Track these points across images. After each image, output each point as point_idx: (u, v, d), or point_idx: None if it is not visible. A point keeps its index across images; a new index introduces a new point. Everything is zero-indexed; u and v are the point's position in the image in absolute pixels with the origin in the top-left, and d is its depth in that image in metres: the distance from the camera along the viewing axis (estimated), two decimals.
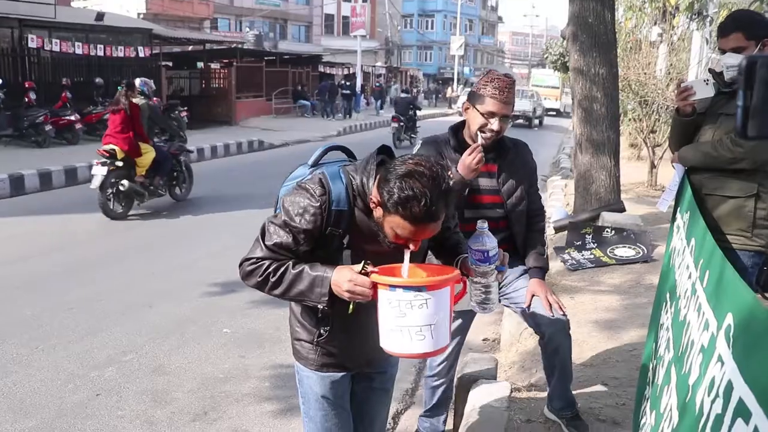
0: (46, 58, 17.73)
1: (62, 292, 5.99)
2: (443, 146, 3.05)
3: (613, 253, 6.19)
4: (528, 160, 3.19)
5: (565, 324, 3.02)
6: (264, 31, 44.38)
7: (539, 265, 3.15)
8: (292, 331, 2.40)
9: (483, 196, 3.04)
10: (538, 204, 3.26)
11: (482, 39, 72.45)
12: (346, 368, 2.38)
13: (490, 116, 2.90)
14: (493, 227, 3.04)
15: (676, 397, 1.77)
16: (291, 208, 2.07)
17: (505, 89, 2.89)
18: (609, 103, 6.93)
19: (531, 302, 3.04)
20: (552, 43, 33.03)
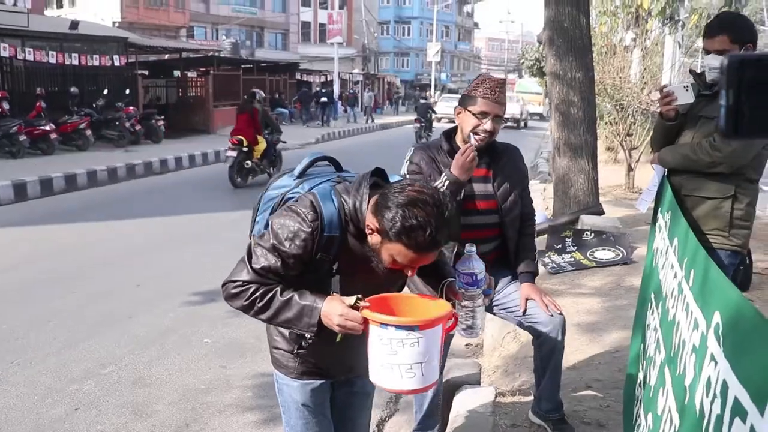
0: (20, 67, 17.52)
1: (39, 304, 5.90)
2: (436, 151, 3.04)
3: (593, 255, 6.22)
4: (520, 164, 3.20)
5: (562, 321, 3.03)
6: (240, 39, 44.26)
7: (530, 270, 3.16)
8: (270, 340, 2.37)
9: (478, 201, 3.02)
10: (530, 208, 3.28)
11: (459, 45, 72.86)
12: (327, 376, 2.35)
13: (482, 116, 2.90)
14: (486, 235, 3.06)
15: (673, 398, 1.77)
16: (281, 232, 2.01)
17: (497, 89, 2.90)
18: (586, 107, 6.97)
19: (527, 306, 3.03)
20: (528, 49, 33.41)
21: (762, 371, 1.00)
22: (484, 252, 3.03)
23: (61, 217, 9.14)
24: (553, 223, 6.97)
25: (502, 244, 3.13)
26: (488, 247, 3.08)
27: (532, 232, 3.30)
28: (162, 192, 12.24)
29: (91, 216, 9.53)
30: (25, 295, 6.17)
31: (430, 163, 2.99)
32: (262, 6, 48.80)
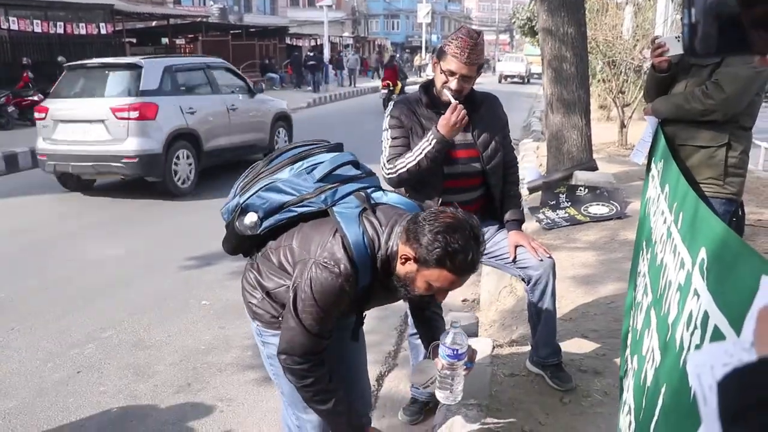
0: (4, 36, 17.31)
1: (36, 272, 5.92)
2: (415, 104, 3.04)
3: (587, 210, 6.24)
4: (499, 113, 3.19)
5: (552, 263, 3.05)
6: (228, 4, 43.58)
7: (516, 218, 3.18)
8: (250, 297, 2.36)
9: (458, 151, 3.02)
10: (512, 156, 3.28)
11: (449, 6, 72.19)
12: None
13: (450, 74, 2.89)
14: (470, 184, 3.07)
15: (657, 337, 1.79)
16: (321, 292, 2.01)
17: (467, 49, 2.83)
18: (578, 63, 6.94)
19: (516, 253, 3.05)
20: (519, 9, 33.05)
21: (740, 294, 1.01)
22: (468, 200, 3.07)
23: (54, 187, 9.10)
24: (547, 180, 6.99)
25: (487, 193, 3.14)
26: (472, 196, 3.10)
27: (516, 180, 3.30)
28: None
29: (76, 185, 9.41)
30: (23, 263, 6.18)
31: (410, 116, 2.99)
32: None
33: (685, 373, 1.23)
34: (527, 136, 13.70)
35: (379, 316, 4.93)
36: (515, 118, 18.97)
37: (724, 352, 0.98)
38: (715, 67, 3.21)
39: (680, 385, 1.28)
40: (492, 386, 3.19)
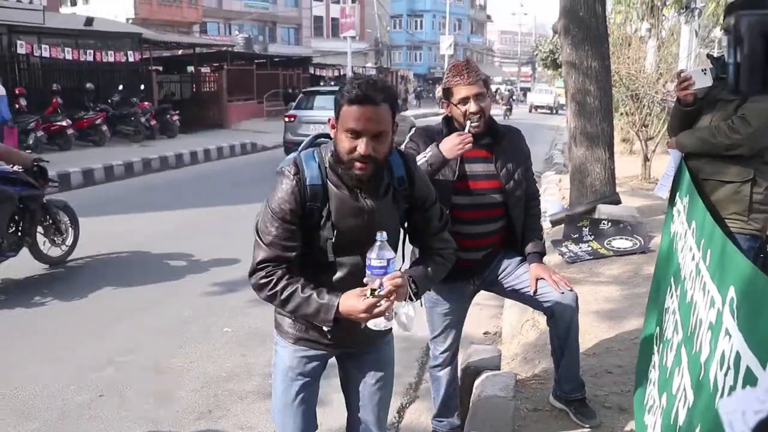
0: (36, 64, 17.64)
1: (60, 294, 5.98)
2: (436, 135, 3.06)
3: (611, 244, 6.21)
4: (522, 145, 3.21)
5: (574, 297, 3.04)
6: (253, 34, 44.33)
7: (538, 250, 3.18)
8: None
9: (480, 181, 3.03)
10: (535, 188, 3.30)
11: (471, 38, 72.60)
12: (325, 345, 2.37)
13: (464, 102, 2.92)
14: (492, 214, 3.08)
15: (689, 376, 1.78)
16: (273, 196, 2.17)
17: (464, 71, 2.90)
18: (602, 96, 6.95)
19: (537, 286, 3.05)
20: (541, 41, 33.19)
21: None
22: (490, 232, 3.08)
23: (79, 211, 9.17)
24: (570, 213, 6.96)
25: (508, 225, 3.14)
26: (494, 227, 3.10)
27: (538, 212, 3.32)
28: (179, 186, 12.31)
29: (109, 209, 9.60)
30: (46, 286, 6.25)
31: (428, 144, 2.99)
32: (275, 1, 48.81)
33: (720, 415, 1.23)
34: (549, 168, 13.70)
35: (401, 348, 4.91)
36: (537, 150, 18.98)
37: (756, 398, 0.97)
38: (741, 101, 3.21)
39: (715, 428, 1.27)
40: (515, 421, 3.17)
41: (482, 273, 3.19)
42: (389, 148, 2.18)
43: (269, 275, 2.17)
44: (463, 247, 3.06)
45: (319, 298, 2.12)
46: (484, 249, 3.12)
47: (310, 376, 2.42)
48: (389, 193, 2.27)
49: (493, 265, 3.19)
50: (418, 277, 2.26)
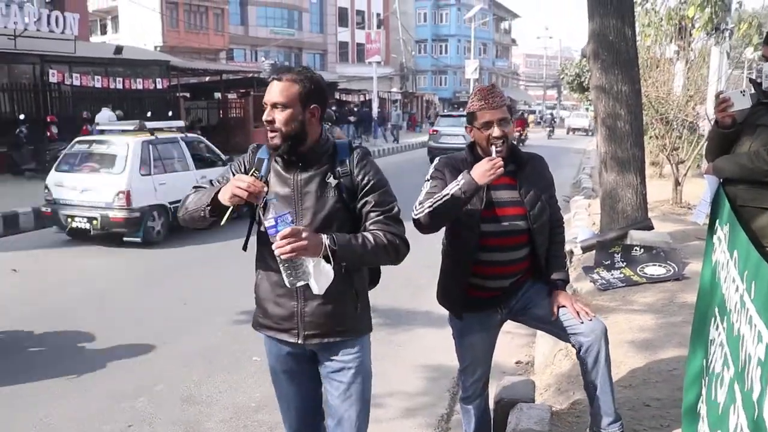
0: (67, 92, 17.97)
1: (90, 323, 6.00)
2: (461, 164, 3.01)
3: (644, 271, 6.09)
4: (545, 172, 3.16)
5: (603, 329, 2.96)
6: (279, 60, 44.81)
7: (561, 278, 3.13)
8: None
9: (505, 208, 2.99)
10: (559, 215, 3.24)
11: (496, 62, 72.77)
12: (276, 330, 2.53)
13: (487, 127, 2.88)
14: (516, 242, 3.02)
15: (744, 416, 1.71)
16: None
17: (489, 95, 2.88)
18: (633, 120, 6.87)
19: (557, 313, 2.99)
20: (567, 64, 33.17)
21: None
22: (514, 259, 3.03)
23: (107, 238, 9.28)
24: (601, 239, 6.85)
25: (532, 252, 3.08)
26: (520, 254, 3.04)
27: (562, 240, 3.26)
28: None
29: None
30: (77, 314, 6.27)
31: (454, 173, 2.94)
32: (300, 27, 49.39)
33: None
34: (577, 192, 13.55)
35: (430, 378, 4.85)
36: (564, 174, 18.85)
37: None
38: None
39: None
40: None
41: (509, 301, 3.13)
42: (293, 121, 2.36)
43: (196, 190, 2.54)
44: (489, 275, 3.02)
45: (209, 190, 2.45)
46: (511, 277, 3.07)
47: (288, 372, 2.61)
48: (328, 176, 2.42)
49: (520, 294, 3.13)
50: (341, 240, 2.29)
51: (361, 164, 2.47)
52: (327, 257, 2.24)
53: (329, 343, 2.50)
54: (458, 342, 3.24)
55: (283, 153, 2.39)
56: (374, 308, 6.20)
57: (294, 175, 2.43)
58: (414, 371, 4.99)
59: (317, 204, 2.40)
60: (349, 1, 54.16)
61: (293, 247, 2.15)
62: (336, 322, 2.47)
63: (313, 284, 2.25)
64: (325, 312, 2.44)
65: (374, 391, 4.49)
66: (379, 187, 2.46)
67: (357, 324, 2.55)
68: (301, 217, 2.40)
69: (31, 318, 6.13)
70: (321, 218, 2.39)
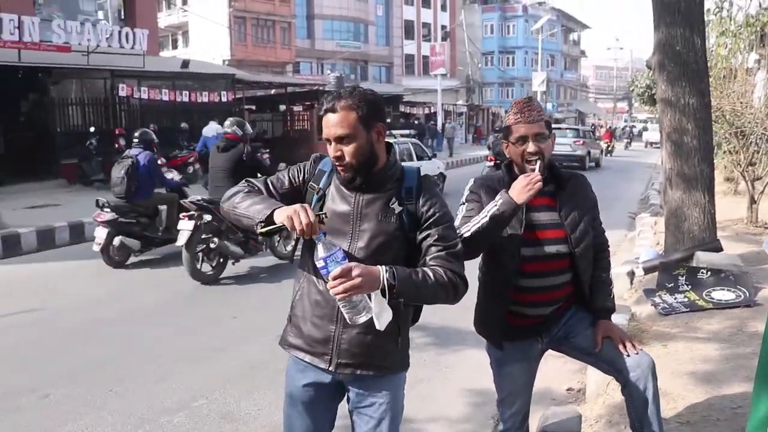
0: (135, 105, 18.46)
1: (139, 334, 6.03)
2: (497, 184, 2.83)
3: (710, 296, 5.72)
4: (588, 192, 2.97)
5: (650, 364, 2.72)
6: (345, 72, 45.17)
7: (606, 306, 2.92)
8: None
9: (546, 231, 2.79)
10: (603, 238, 3.04)
11: (565, 74, 71.68)
12: (308, 353, 2.38)
13: (522, 142, 2.72)
14: (557, 267, 2.80)
15: None
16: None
17: (525, 109, 2.73)
18: (701, 135, 6.50)
19: (602, 345, 2.78)
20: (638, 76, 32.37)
21: None
22: (555, 285, 2.83)
23: (162, 251, 9.36)
24: (665, 260, 6.50)
25: (575, 278, 2.88)
26: (561, 280, 2.85)
27: (607, 265, 3.04)
28: None
29: None
30: (127, 325, 6.31)
31: (490, 194, 2.77)
32: (366, 40, 49.71)
33: None
34: (645, 209, 13.05)
35: (473, 403, 4.64)
36: (632, 189, 18.32)
37: None
38: None
39: None
40: None
41: (551, 330, 2.93)
42: (362, 151, 2.25)
43: (249, 185, 2.40)
44: (529, 302, 2.83)
45: (269, 201, 2.27)
46: (552, 304, 2.87)
47: (307, 403, 2.43)
48: (392, 201, 2.30)
49: (562, 322, 2.93)
50: (400, 275, 2.15)
51: (428, 194, 2.34)
52: (383, 290, 2.11)
53: (362, 376, 2.34)
54: (496, 372, 3.05)
55: (359, 184, 2.29)
56: (424, 327, 6.03)
57: (356, 194, 2.32)
58: (460, 395, 4.79)
59: (376, 228, 2.29)
60: (415, 14, 54.30)
61: (345, 288, 2.04)
62: (373, 354, 2.32)
63: (374, 319, 2.14)
64: (364, 342, 2.29)
65: (418, 414, 4.36)
66: (444, 221, 2.32)
67: (395, 360, 2.40)
68: (357, 239, 2.28)
69: (81, 327, 6.18)
70: (378, 243, 2.27)
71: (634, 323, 5.16)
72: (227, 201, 2.35)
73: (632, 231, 11.13)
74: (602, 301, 2.92)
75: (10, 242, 9.66)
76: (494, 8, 63.91)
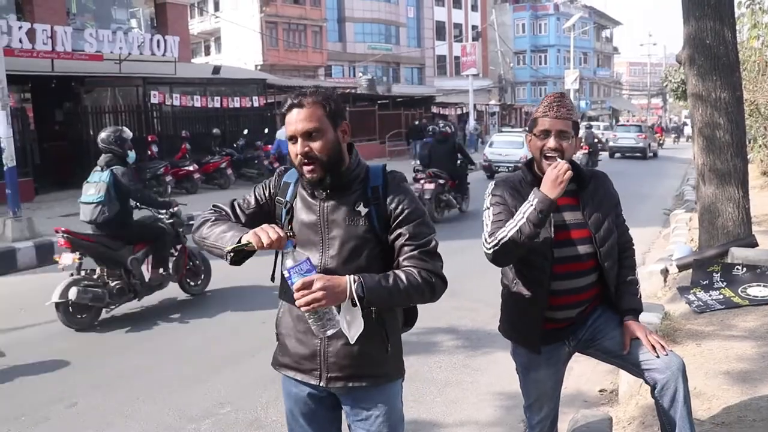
0: (167, 112, 18.67)
1: (171, 341, 6.09)
2: (519, 184, 2.77)
3: (746, 292, 5.58)
4: (611, 190, 2.89)
5: (680, 365, 2.63)
6: (377, 75, 45.21)
7: (634, 307, 2.83)
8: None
9: (570, 231, 2.73)
10: (627, 236, 2.95)
11: (598, 71, 70.87)
12: (297, 371, 2.32)
13: (544, 136, 2.67)
14: (582, 268, 2.74)
15: None
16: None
17: (554, 104, 2.66)
18: (734, 129, 6.35)
19: (630, 346, 2.71)
20: (671, 71, 31.90)
21: None
22: (581, 287, 2.76)
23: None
24: (699, 257, 6.36)
25: (600, 278, 2.81)
26: (586, 281, 2.78)
27: (633, 264, 2.95)
28: None
29: None
30: (155, 333, 6.36)
31: (515, 195, 2.72)
32: (398, 42, 49.68)
33: None
34: (680, 206, 12.81)
35: (503, 406, 4.58)
36: (667, 185, 18.02)
37: None
38: None
39: None
40: None
41: (577, 333, 2.86)
42: (331, 147, 2.18)
43: (213, 212, 2.37)
44: (556, 305, 2.76)
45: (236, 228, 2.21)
46: (578, 306, 2.81)
47: (308, 415, 2.38)
48: (359, 202, 2.24)
49: (589, 323, 2.85)
50: (369, 283, 2.08)
51: (396, 192, 2.25)
52: (353, 301, 2.05)
53: (355, 388, 2.28)
54: (523, 377, 2.99)
55: (327, 186, 2.21)
56: (454, 330, 6.00)
57: (321, 203, 2.26)
58: (491, 398, 4.73)
59: (345, 234, 2.22)
60: (446, 15, 54.15)
61: (307, 300, 2.00)
62: (363, 364, 2.25)
63: (345, 331, 2.10)
64: (351, 353, 2.22)
65: (447, 419, 4.32)
66: (414, 218, 2.22)
67: (386, 368, 2.32)
68: (328, 247, 2.22)
69: (109, 336, 6.25)
70: (349, 249, 2.21)
71: (667, 322, 5.05)
72: (196, 232, 2.32)
73: (667, 228, 10.93)
74: (629, 302, 2.84)
75: (44, 251, 9.79)
76: (525, 7, 63.49)
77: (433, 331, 5.91)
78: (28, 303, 7.35)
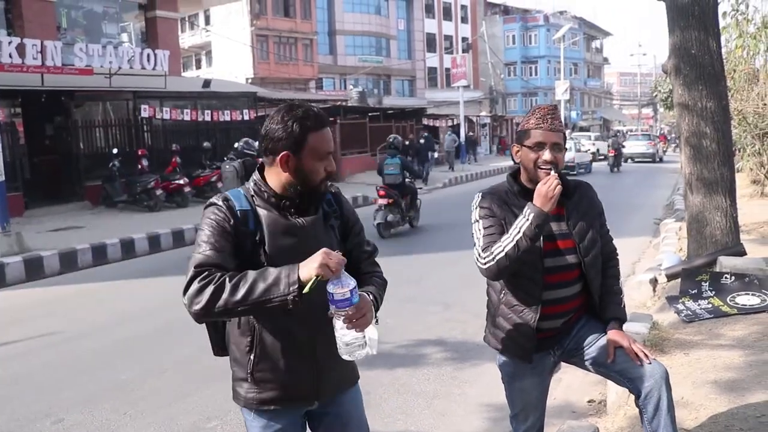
0: (158, 125, 18.63)
1: (161, 354, 6.04)
2: (506, 195, 2.78)
3: (734, 301, 5.58)
4: (594, 200, 2.90)
5: (664, 373, 2.63)
6: (368, 87, 45.32)
7: (617, 316, 2.83)
8: (232, 373, 2.38)
9: (557, 241, 2.73)
10: (612, 246, 2.96)
11: (588, 82, 71.24)
12: (290, 400, 2.24)
13: (539, 148, 2.66)
14: (567, 278, 2.74)
15: None
16: (205, 221, 2.14)
17: (548, 116, 2.67)
18: (720, 139, 6.38)
19: (615, 355, 2.70)
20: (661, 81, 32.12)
21: None
22: (567, 296, 2.77)
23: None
24: (688, 266, 6.37)
25: (585, 288, 2.81)
26: (571, 291, 2.78)
27: (617, 273, 2.96)
28: None
29: None
30: (143, 347, 6.32)
31: (502, 206, 2.73)
32: (388, 54, 49.87)
33: None
34: (670, 215, 12.85)
35: (490, 418, 4.57)
36: (657, 195, 18.07)
37: None
38: None
39: None
40: None
41: (562, 342, 2.85)
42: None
43: (209, 275, 2.01)
44: (543, 315, 2.75)
45: (276, 268, 1.99)
46: (564, 316, 2.80)
47: None
48: (330, 217, 2.28)
49: (573, 332, 2.85)
50: (376, 295, 2.19)
51: (345, 203, 2.39)
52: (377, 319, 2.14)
53: (339, 395, 2.36)
54: (509, 386, 2.98)
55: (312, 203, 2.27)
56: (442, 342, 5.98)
57: (297, 219, 2.20)
58: (479, 410, 4.71)
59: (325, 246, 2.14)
60: (436, 27, 54.41)
61: (363, 323, 2.02)
62: (346, 366, 2.29)
63: (369, 349, 2.09)
64: (338, 357, 2.13)
65: (434, 431, 4.29)
66: (361, 226, 2.41)
67: (355, 371, 2.42)
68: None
69: (99, 350, 6.20)
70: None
71: (656, 332, 5.04)
72: (227, 301, 1.97)
73: (657, 237, 10.96)
74: (613, 311, 2.84)
75: (33, 266, 9.76)
76: (515, 19, 63.92)
77: (422, 343, 5.89)
78: (16, 318, 7.30)
